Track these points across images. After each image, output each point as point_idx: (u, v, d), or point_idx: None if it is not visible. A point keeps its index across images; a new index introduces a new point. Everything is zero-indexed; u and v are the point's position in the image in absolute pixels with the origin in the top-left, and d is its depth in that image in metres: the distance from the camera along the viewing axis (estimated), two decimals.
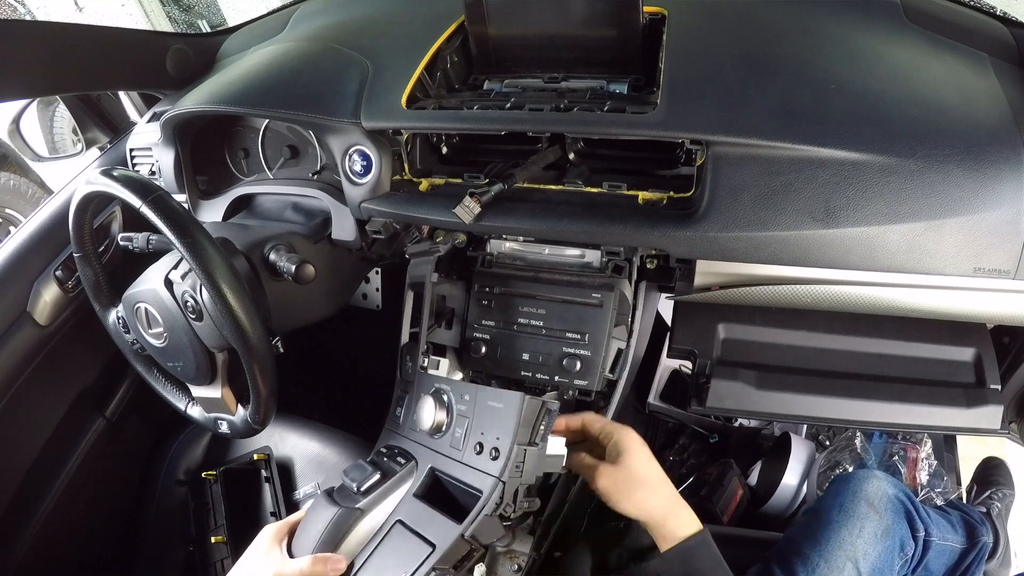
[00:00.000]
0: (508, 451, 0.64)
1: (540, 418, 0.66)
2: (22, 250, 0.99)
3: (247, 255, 0.80)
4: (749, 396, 0.79)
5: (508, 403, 0.66)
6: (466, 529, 0.62)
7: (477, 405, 0.70)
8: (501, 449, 0.65)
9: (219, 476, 1.04)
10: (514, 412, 0.65)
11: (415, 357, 0.81)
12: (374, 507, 0.68)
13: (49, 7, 3.36)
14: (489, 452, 0.66)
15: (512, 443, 0.64)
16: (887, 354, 0.80)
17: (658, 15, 0.79)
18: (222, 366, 0.79)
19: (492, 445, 0.66)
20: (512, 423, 0.65)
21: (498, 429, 0.66)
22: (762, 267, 0.71)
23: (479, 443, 0.67)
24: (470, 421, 0.69)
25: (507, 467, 0.64)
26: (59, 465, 1.06)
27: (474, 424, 0.69)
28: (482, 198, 0.72)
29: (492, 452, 0.65)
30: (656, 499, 0.66)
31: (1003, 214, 0.63)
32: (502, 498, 0.64)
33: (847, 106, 0.66)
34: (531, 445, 0.65)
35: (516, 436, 0.64)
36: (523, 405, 0.65)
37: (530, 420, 0.65)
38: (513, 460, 0.64)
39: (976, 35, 0.75)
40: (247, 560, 0.65)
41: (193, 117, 0.94)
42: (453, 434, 0.70)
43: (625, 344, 0.80)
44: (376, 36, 0.91)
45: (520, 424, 0.65)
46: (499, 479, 0.64)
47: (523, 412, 0.65)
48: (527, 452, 0.65)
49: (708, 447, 1.37)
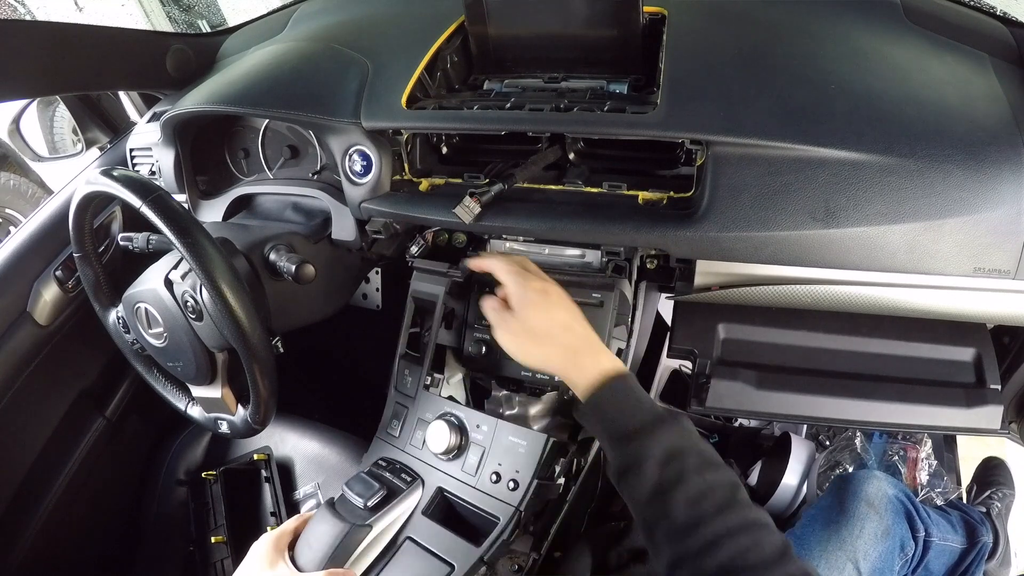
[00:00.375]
0: (528, 484, 0.69)
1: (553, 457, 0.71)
2: (22, 250, 0.99)
3: (247, 255, 0.80)
4: (749, 396, 0.79)
5: (532, 443, 0.71)
6: (486, 553, 0.66)
7: (495, 438, 0.74)
8: (520, 482, 0.69)
9: (219, 476, 1.04)
10: (537, 452, 0.70)
11: (415, 373, 0.82)
12: (380, 522, 0.70)
13: (49, 7, 3.36)
14: (507, 483, 0.70)
15: (532, 478, 0.69)
16: (887, 354, 0.80)
17: (658, 15, 0.79)
18: (222, 366, 0.79)
19: (511, 477, 0.70)
20: (535, 461, 0.70)
21: (518, 464, 0.71)
22: (762, 267, 0.71)
23: (496, 473, 0.71)
24: (486, 451, 0.74)
25: (526, 498, 0.68)
26: (59, 465, 1.06)
27: (491, 454, 0.73)
28: (482, 198, 0.72)
29: (511, 484, 0.70)
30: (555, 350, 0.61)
31: (1003, 214, 0.63)
32: (518, 525, 0.68)
33: (847, 106, 0.66)
34: (549, 480, 0.71)
35: (537, 472, 0.69)
36: (546, 447, 0.70)
37: (550, 460, 0.71)
38: (533, 492, 0.69)
39: (976, 35, 0.75)
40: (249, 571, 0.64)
41: (193, 117, 0.94)
42: (466, 460, 0.74)
43: (625, 344, 0.80)
44: (376, 36, 0.91)
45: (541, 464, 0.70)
46: (518, 508, 0.68)
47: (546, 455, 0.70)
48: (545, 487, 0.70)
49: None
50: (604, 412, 0.57)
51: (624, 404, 0.57)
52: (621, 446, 0.55)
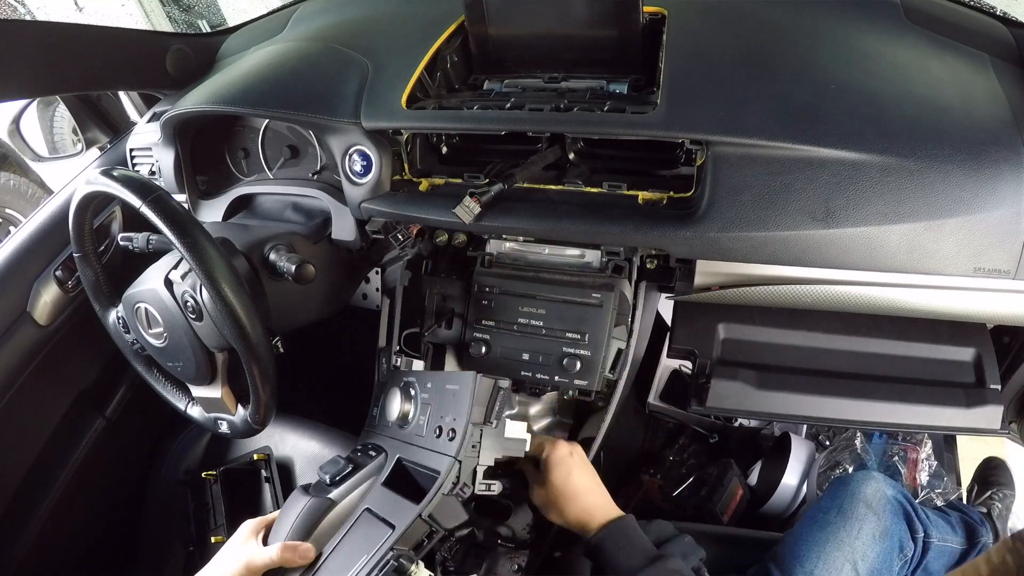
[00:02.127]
0: (463, 431, 0.65)
1: (493, 397, 0.67)
2: (22, 250, 0.99)
3: (247, 255, 0.80)
4: (749, 396, 0.79)
5: (463, 384, 0.67)
6: (424, 509, 0.62)
7: (436, 390, 0.71)
8: (457, 429, 0.66)
9: (219, 476, 1.04)
10: (467, 392, 0.66)
11: (388, 358, 0.83)
12: (345, 497, 0.70)
13: (49, 7, 3.36)
14: (447, 434, 0.67)
15: (467, 422, 0.65)
16: (887, 354, 0.80)
17: (658, 15, 0.79)
18: (222, 366, 0.79)
19: (450, 427, 0.67)
20: (466, 403, 0.66)
21: (454, 411, 0.67)
22: (762, 267, 0.71)
23: (439, 427, 0.68)
24: (432, 407, 0.71)
25: (462, 446, 0.64)
26: (59, 465, 1.06)
27: (435, 409, 0.70)
28: (482, 198, 0.72)
29: (449, 433, 0.66)
30: (572, 508, 0.69)
31: (1003, 214, 0.63)
32: (459, 477, 0.64)
33: (847, 106, 0.66)
34: (485, 424, 0.66)
35: (470, 415, 0.65)
36: (475, 384, 0.66)
37: (483, 399, 0.67)
38: (468, 440, 0.65)
39: (976, 35, 0.75)
40: (224, 550, 0.68)
41: (193, 117, 0.94)
42: (417, 422, 0.72)
43: (625, 344, 0.80)
44: (376, 36, 0.91)
45: (473, 403, 0.66)
46: (455, 458, 0.64)
47: (475, 392, 0.66)
48: (483, 431, 0.66)
49: (708, 447, 1.37)
50: (605, 551, 0.65)
51: (623, 544, 0.65)
52: None
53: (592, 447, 0.81)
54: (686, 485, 1.28)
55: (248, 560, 0.63)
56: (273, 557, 0.63)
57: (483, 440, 0.66)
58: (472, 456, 0.65)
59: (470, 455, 0.65)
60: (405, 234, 0.88)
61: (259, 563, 0.63)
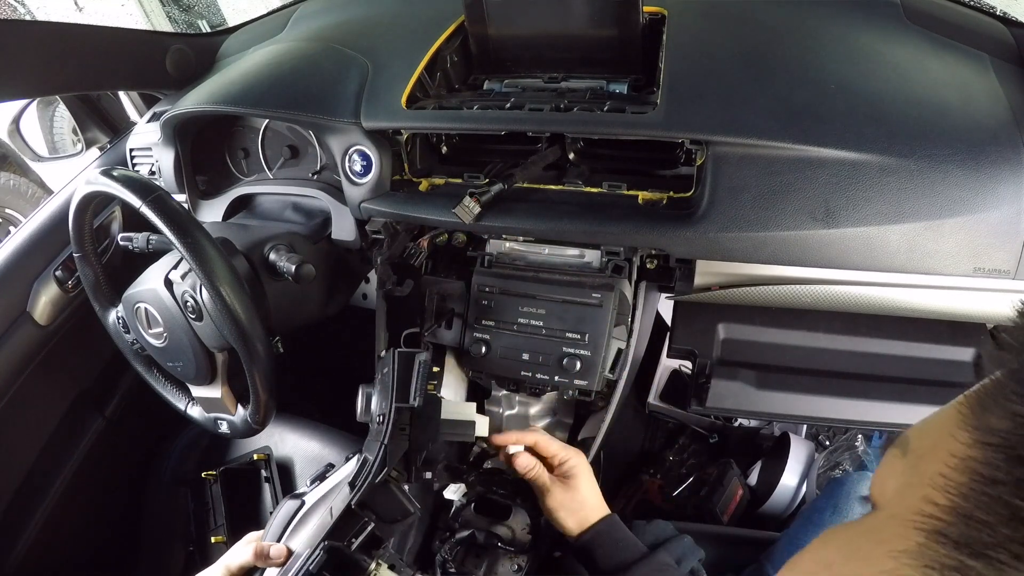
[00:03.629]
0: (388, 413, 0.61)
1: (415, 374, 0.62)
2: (22, 250, 0.99)
3: (247, 255, 0.80)
4: (749, 396, 0.79)
5: (387, 364, 0.63)
6: (353, 498, 0.59)
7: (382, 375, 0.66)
8: (385, 413, 0.62)
9: (219, 476, 1.04)
10: (389, 372, 0.62)
11: None
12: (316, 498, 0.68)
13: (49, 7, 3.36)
14: (378, 419, 0.63)
15: (391, 404, 0.61)
16: (887, 354, 0.80)
17: (658, 15, 0.79)
18: (222, 366, 0.79)
19: (382, 412, 0.63)
20: (388, 383, 0.62)
21: (387, 393, 0.63)
22: (762, 267, 0.71)
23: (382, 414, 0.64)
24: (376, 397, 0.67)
25: (387, 430, 0.60)
26: (59, 465, 1.06)
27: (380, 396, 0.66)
28: (482, 198, 0.72)
29: (380, 418, 0.62)
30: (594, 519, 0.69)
31: (1003, 214, 0.63)
32: (385, 463, 0.60)
33: (847, 106, 0.66)
34: (402, 402, 0.61)
35: (393, 395, 0.61)
36: (394, 361, 0.62)
37: (404, 377, 0.62)
38: (393, 423, 0.60)
39: (976, 35, 0.75)
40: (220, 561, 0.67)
41: (193, 117, 0.94)
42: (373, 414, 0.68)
43: (625, 344, 0.80)
44: (376, 36, 0.91)
45: (395, 382, 0.61)
46: (381, 442, 0.60)
47: (395, 370, 0.61)
48: (411, 413, 0.61)
49: (708, 447, 1.37)
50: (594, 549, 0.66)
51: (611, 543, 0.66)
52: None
53: (592, 447, 0.81)
54: (686, 485, 1.28)
55: (227, 563, 0.63)
56: (247, 558, 0.63)
57: (414, 422, 0.61)
58: (402, 440, 0.60)
59: (399, 438, 0.60)
60: (416, 249, 0.89)
61: (236, 565, 0.63)
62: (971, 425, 0.19)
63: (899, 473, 0.21)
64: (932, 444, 0.20)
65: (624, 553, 0.65)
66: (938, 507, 0.18)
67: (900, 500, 0.20)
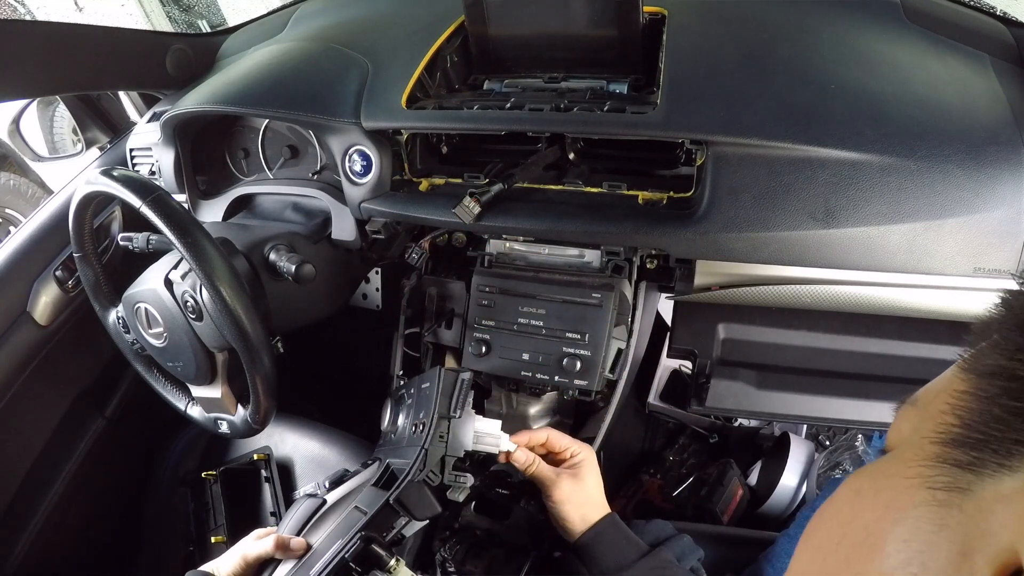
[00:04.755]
0: (431, 422, 0.68)
1: (458, 389, 0.69)
2: (22, 250, 0.99)
3: (247, 255, 0.80)
4: (749, 396, 0.79)
5: (432, 379, 0.70)
6: (392, 494, 0.64)
7: (416, 391, 0.74)
8: (427, 422, 0.68)
9: (219, 476, 1.04)
10: (434, 385, 0.69)
11: None
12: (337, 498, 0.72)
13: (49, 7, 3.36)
14: (419, 427, 0.70)
15: (433, 414, 0.68)
16: (887, 354, 0.80)
17: (658, 15, 0.79)
18: (222, 366, 0.79)
19: (422, 422, 0.70)
20: (433, 396, 0.69)
21: (427, 406, 0.70)
22: (762, 267, 0.71)
23: (415, 424, 0.71)
24: (414, 410, 0.73)
25: (429, 436, 0.67)
26: (59, 465, 1.06)
27: (415, 410, 0.73)
28: (482, 198, 0.72)
29: (421, 426, 0.69)
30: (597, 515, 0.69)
31: (1003, 214, 0.63)
32: (424, 464, 0.66)
33: (847, 106, 0.66)
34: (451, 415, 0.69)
35: (436, 407, 0.68)
36: (440, 378, 0.69)
37: (448, 391, 0.69)
38: (435, 430, 0.67)
39: (976, 35, 0.75)
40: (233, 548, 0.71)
41: (193, 117, 0.94)
42: (404, 425, 0.75)
43: (625, 344, 0.80)
44: (376, 36, 0.91)
45: (439, 395, 0.68)
46: (422, 447, 0.66)
47: (441, 384, 0.69)
48: (450, 423, 0.68)
49: (708, 447, 1.37)
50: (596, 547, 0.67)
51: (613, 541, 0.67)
52: None
53: (592, 447, 0.81)
54: (686, 485, 1.28)
55: (244, 552, 0.67)
56: (267, 548, 0.66)
57: (452, 431, 0.68)
58: (440, 446, 0.67)
59: (437, 444, 0.67)
60: (419, 252, 0.89)
61: (253, 555, 0.66)
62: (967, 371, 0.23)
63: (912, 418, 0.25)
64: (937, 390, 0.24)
65: (627, 551, 0.65)
66: (947, 424, 0.22)
67: (914, 436, 0.24)
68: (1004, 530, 0.19)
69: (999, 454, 0.20)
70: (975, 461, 0.21)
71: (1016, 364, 0.21)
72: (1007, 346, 0.21)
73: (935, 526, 0.21)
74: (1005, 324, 0.22)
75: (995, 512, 0.19)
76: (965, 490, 0.21)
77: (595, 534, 0.67)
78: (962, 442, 0.21)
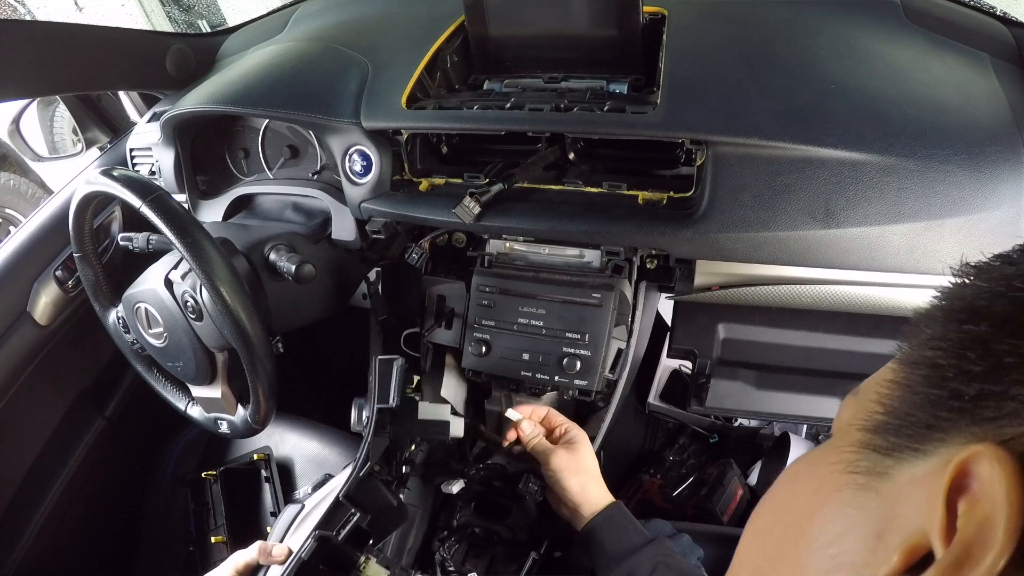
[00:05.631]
0: (372, 413, 0.67)
1: (395, 377, 0.68)
2: (22, 250, 0.99)
3: (247, 255, 0.80)
4: (749, 396, 0.79)
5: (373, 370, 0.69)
6: (340, 491, 0.63)
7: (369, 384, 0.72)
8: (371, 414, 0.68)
9: (219, 476, 1.04)
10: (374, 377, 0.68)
11: None
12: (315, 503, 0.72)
13: (49, 7, 3.36)
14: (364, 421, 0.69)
15: (373, 404, 0.67)
16: (887, 354, 0.79)
17: (658, 15, 0.79)
18: (222, 366, 0.79)
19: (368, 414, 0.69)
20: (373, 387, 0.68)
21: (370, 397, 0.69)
22: (762, 267, 0.71)
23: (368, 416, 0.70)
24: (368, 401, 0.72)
25: (370, 428, 0.66)
26: (59, 465, 1.06)
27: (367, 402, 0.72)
28: (482, 198, 0.72)
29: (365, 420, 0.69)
30: (595, 486, 0.71)
31: (1003, 214, 0.63)
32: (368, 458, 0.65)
33: (847, 106, 0.66)
34: (383, 403, 0.67)
35: (375, 397, 0.67)
36: (375, 367, 0.68)
37: (385, 380, 0.68)
38: (375, 421, 0.66)
39: (976, 35, 0.75)
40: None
41: (193, 117, 0.94)
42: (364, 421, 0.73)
43: (625, 344, 0.80)
44: (376, 36, 0.91)
45: (376, 386, 0.67)
46: (364, 439, 0.66)
47: (378, 375, 0.68)
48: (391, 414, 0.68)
49: (708, 447, 1.37)
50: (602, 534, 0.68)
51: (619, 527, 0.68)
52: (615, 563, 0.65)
53: (592, 447, 0.81)
54: (686, 485, 1.28)
55: (234, 562, 0.67)
56: (253, 555, 0.67)
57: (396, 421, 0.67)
58: (382, 438, 0.66)
59: (380, 435, 0.66)
60: (419, 251, 0.89)
61: (242, 563, 0.67)
62: (900, 361, 0.24)
63: (851, 407, 0.26)
64: (874, 381, 0.26)
65: (633, 537, 0.67)
66: (873, 412, 0.24)
67: (849, 423, 0.25)
68: (916, 513, 0.19)
69: (913, 439, 0.21)
70: (893, 446, 0.22)
71: (936, 353, 0.22)
72: (931, 336, 0.23)
73: (855, 509, 0.22)
74: (931, 316, 0.24)
75: (909, 495, 0.20)
76: (883, 474, 0.21)
77: (603, 519, 0.68)
78: (883, 428, 0.23)
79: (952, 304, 0.23)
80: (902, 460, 0.21)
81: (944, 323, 0.22)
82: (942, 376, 0.21)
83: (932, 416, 0.21)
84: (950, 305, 0.23)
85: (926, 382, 0.22)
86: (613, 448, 1.28)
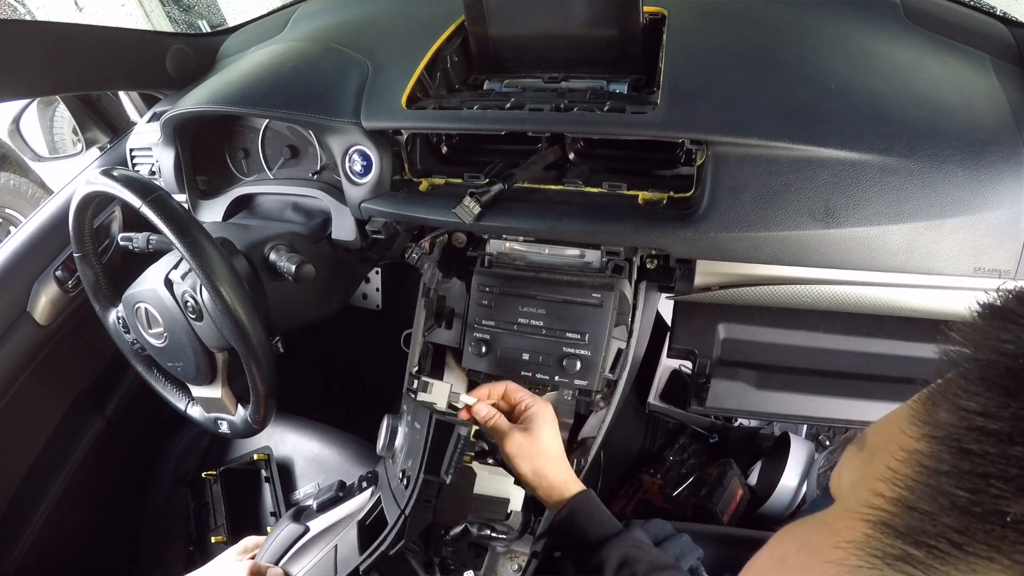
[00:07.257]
0: (416, 479, 0.61)
1: (453, 447, 0.64)
2: (22, 250, 0.99)
3: (247, 255, 0.80)
4: (749, 396, 0.79)
5: (423, 421, 0.63)
6: (362, 562, 0.61)
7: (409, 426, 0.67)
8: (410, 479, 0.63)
9: (219, 476, 1.04)
10: (423, 435, 0.62)
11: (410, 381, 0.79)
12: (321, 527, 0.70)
13: (49, 7, 3.36)
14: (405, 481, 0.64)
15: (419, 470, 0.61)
16: (887, 354, 0.80)
17: (658, 15, 0.79)
18: (222, 366, 0.79)
19: (409, 474, 0.63)
20: (421, 450, 0.62)
21: (415, 453, 0.63)
22: (762, 267, 0.71)
23: (402, 470, 0.65)
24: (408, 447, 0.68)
25: (410, 499, 0.61)
26: (59, 465, 1.06)
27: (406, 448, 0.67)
28: (482, 198, 0.72)
29: (405, 481, 0.63)
30: (552, 469, 0.68)
31: (1003, 214, 0.63)
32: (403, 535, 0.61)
33: (847, 106, 0.66)
34: (432, 475, 0.63)
35: (422, 463, 0.62)
36: (430, 428, 0.63)
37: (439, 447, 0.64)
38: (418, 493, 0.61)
39: (976, 35, 0.75)
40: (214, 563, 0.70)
41: (193, 117, 0.94)
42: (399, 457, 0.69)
43: (625, 344, 0.80)
44: (376, 36, 0.91)
45: (426, 449, 0.62)
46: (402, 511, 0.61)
47: (430, 436, 0.63)
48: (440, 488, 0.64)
49: (708, 447, 1.37)
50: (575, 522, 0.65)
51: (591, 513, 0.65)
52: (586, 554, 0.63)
53: (592, 447, 0.81)
54: (686, 485, 1.28)
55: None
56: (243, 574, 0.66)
57: (444, 495, 0.61)
58: (425, 513, 0.60)
59: (423, 511, 0.60)
60: (420, 251, 0.88)
61: None
62: (920, 420, 0.19)
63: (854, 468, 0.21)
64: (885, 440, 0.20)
65: (598, 529, 0.64)
66: (885, 499, 0.18)
67: (853, 493, 0.20)
68: None
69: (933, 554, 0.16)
70: (906, 558, 0.17)
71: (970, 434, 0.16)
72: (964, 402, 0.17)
73: None
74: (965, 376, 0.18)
75: None
76: None
77: (569, 511, 0.65)
78: (897, 530, 0.17)
79: None
80: (944, 557, 0.16)
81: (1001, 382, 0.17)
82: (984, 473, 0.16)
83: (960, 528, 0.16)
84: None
85: (958, 480, 0.16)
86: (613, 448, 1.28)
